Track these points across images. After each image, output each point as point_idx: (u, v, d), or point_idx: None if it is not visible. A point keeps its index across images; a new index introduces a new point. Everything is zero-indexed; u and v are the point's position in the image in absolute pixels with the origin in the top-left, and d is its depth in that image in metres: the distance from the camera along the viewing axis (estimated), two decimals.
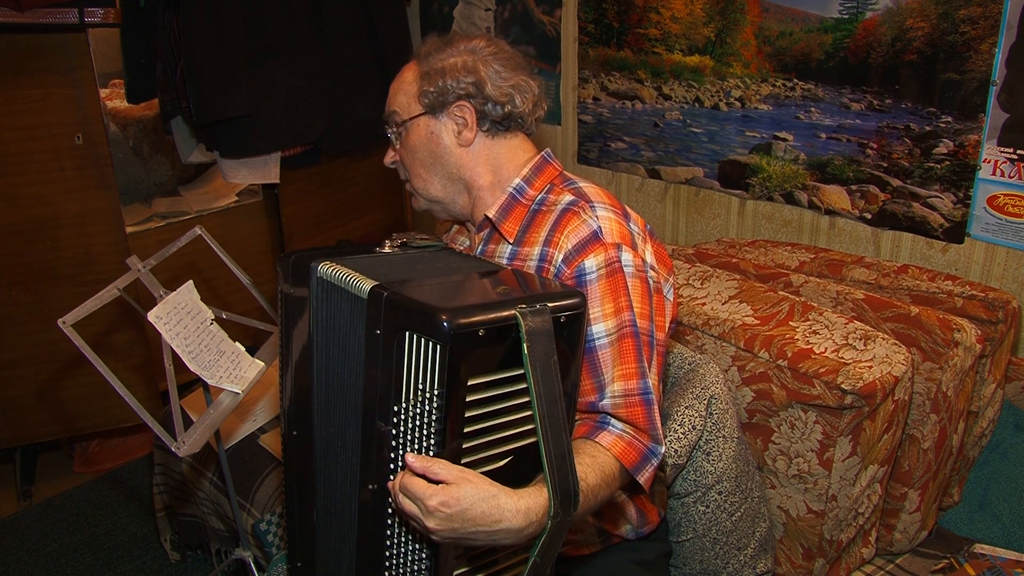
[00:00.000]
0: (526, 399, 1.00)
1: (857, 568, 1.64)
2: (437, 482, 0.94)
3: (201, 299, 1.57)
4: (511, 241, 1.28)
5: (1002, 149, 1.76)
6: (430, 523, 0.93)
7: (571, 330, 1.03)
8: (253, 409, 2.09)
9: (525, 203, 1.29)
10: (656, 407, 1.18)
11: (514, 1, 2.79)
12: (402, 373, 0.98)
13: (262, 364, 1.60)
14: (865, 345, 1.52)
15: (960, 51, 1.77)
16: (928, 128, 1.87)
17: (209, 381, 1.49)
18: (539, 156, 1.33)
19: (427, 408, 0.97)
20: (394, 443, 1.00)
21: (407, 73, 1.33)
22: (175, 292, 1.51)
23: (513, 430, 1.01)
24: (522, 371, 0.98)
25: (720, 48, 2.24)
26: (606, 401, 1.17)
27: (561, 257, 1.21)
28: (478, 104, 1.27)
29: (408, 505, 0.95)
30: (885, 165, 1.97)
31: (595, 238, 1.20)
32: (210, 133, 2.56)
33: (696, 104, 2.36)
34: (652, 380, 1.20)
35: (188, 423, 1.41)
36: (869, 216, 2.04)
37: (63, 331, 1.34)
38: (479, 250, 1.34)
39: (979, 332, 1.58)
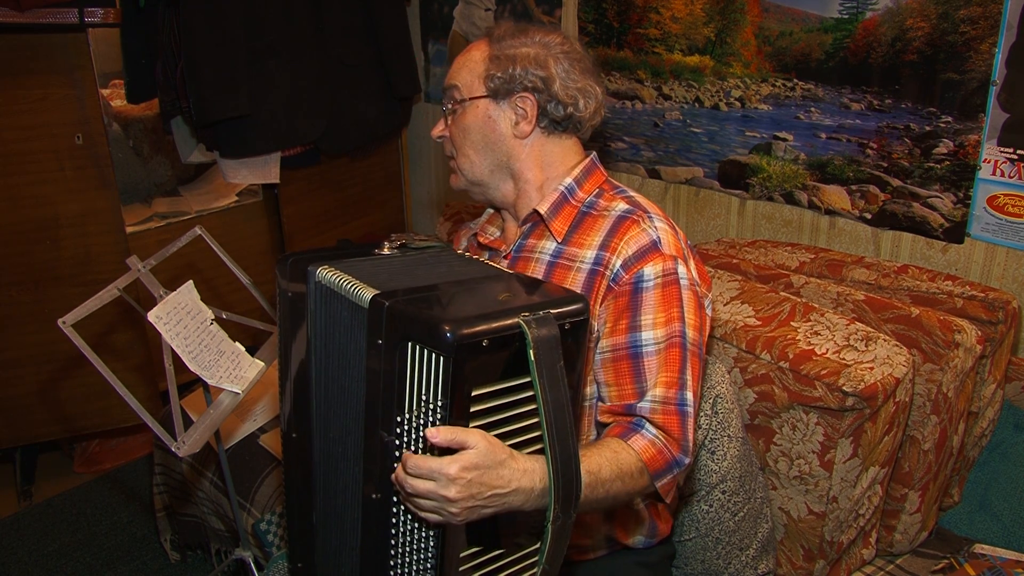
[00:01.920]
0: (531, 407, 1.00)
1: (857, 569, 1.64)
2: (446, 455, 0.94)
3: (201, 299, 1.57)
4: (559, 240, 1.28)
5: (1002, 149, 1.76)
6: (451, 492, 0.92)
7: (575, 337, 1.03)
8: (253, 409, 2.09)
9: (575, 204, 1.30)
10: (692, 420, 1.18)
11: (514, 1, 2.79)
12: (405, 384, 0.97)
13: (262, 364, 1.60)
14: (866, 346, 1.52)
15: (960, 51, 1.77)
16: (928, 128, 1.87)
17: (209, 381, 1.49)
18: (588, 160, 1.34)
19: (431, 419, 0.96)
20: (397, 453, 0.99)
21: (475, 52, 1.31)
22: (175, 292, 1.51)
23: (518, 438, 1.01)
24: (526, 379, 0.98)
25: (720, 48, 2.24)
26: (644, 404, 1.17)
27: (620, 262, 1.21)
28: (542, 100, 1.27)
29: (421, 484, 0.94)
30: (885, 165, 1.97)
31: (654, 248, 1.21)
32: (210, 133, 2.56)
33: (696, 104, 2.36)
34: (693, 393, 1.20)
35: (188, 423, 1.41)
36: (869, 216, 2.04)
37: (63, 331, 1.34)
38: (517, 243, 1.33)
39: (979, 333, 1.58)
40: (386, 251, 1.27)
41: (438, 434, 0.93)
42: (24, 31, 2.25)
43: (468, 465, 0.92)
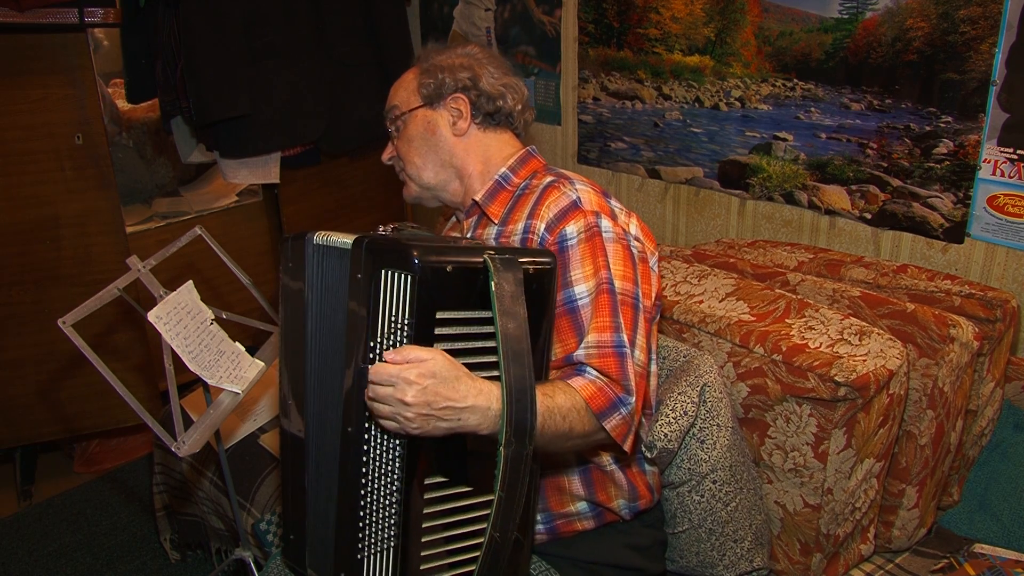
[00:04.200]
0: (493, 343, 1.05)
1: (856, 565, 1.64)
2: None
3: (201, 299, 1.57)
4: (496, 222, 1.36)
5: (1002, 149, 1.76)
6: (408, 395, 0.98)
7: (540, 283, 1.11)
8: (253, 409, 2.09)
9: (510, 189, 1.39)
10: (631, 361, 1.22)
11: (514, 1, 2.79)
12: (378, 310, 1.04)
13: (262, 364, 1.60)
14: (860, 340, 1.53)
15: (960, 51, 1.77)
16: (928, 128, 1.87)
17: (209, 381, 1.49)
18: (524, 150, 1.45)
19: (398, 338, 1.03)
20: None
21: (407, 75, 1.46)
22: (175, 292, 1.51)
23: (479, 372, 1.07)
24: (490, 314, 1.05)
25: (720, 48, 2.24)
26: (580, 352, 1.22)
27: (543, 226, 1.28)
28: (473, 96, 1.39)
29: (382, 389, 0.99)
30: (885, 165, 1.97)
31: (575, 207, 1.28)
32: (210, 133, 2.56)
33: (696, 104, 2.36)
34: (638, 341, 1.25)
35: (188, 423, 1.41)
36: (869, 216, 2.04)
37: (63, 331, 1.34)
38: (468, 235, 1.42)
39: (976, 329, 1.58)
40: (380, 231, 1.34)
41: (396, 354, 1.00)
42: (24, 31, 2.25)
43: (426, 372, 0.99)
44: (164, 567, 2.35)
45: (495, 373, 1.06)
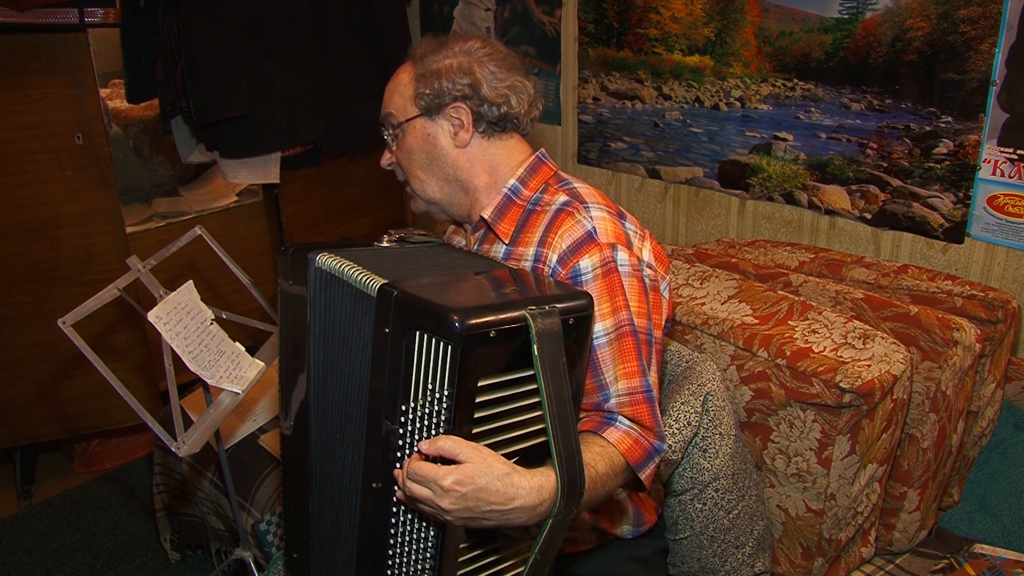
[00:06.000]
0: (533, 400, 1.01)
1: (856, 568, 1.64)
2: (448, 463, 0.94)
3: (201, 299, 1.57)
4: (506, 241, 1.28)
5: (1002, 149, 1.76)
6: (444, 503, 0.93)
7: (578, 332, 1.04)
8: (253, 409, 2.09)
9: (520, 203, 1.30)
10: (657, 404, 1.19)
11: (514, 1, 2.79)
12: (411, 373, 0.98)
13: (262, 364, 1.60)
14: (864, 344, 1.52)
15: (960, 51, 1.77)
16: (928, 128, 1.87)
17: (209, 381, 1.49)
18: (534, 157, 1.34)
19: (436, 408, 0.97)
20: (400, 442, 1.00)
21: (403, 75, 1.33)
22: (175, 292, 1.51)
23: (520, 431, 1.02)
24: (529, 372, 0.98)
25: (720, 48, 2.24)
26: (612, 401, 1.17)
27: (556, 258, 1.21)
28: (474, 105, 1.27)
29: (419, 489, 0.94)
30: (885, 165, 1.97)
31: (589, 238, 1.20)
32: (210, 133, 2.56)
33: (696, 104, 2.36)
34: (652, 378, 1.21)
35: (188, 423, 1.41)
36: (869, 216, 2.04)
37: (63, 331, 1.34)
38: (475, 248, 1.35)
39: (978, 331, 1.58)
40: (385, 243, 1.29)
41: (428, 446, 0.94)
42: (24, 31, 2.25)
43: (462, 478, 0.92)
44: (164, 567, 2.35)
45: (537, 427, 1.02)
